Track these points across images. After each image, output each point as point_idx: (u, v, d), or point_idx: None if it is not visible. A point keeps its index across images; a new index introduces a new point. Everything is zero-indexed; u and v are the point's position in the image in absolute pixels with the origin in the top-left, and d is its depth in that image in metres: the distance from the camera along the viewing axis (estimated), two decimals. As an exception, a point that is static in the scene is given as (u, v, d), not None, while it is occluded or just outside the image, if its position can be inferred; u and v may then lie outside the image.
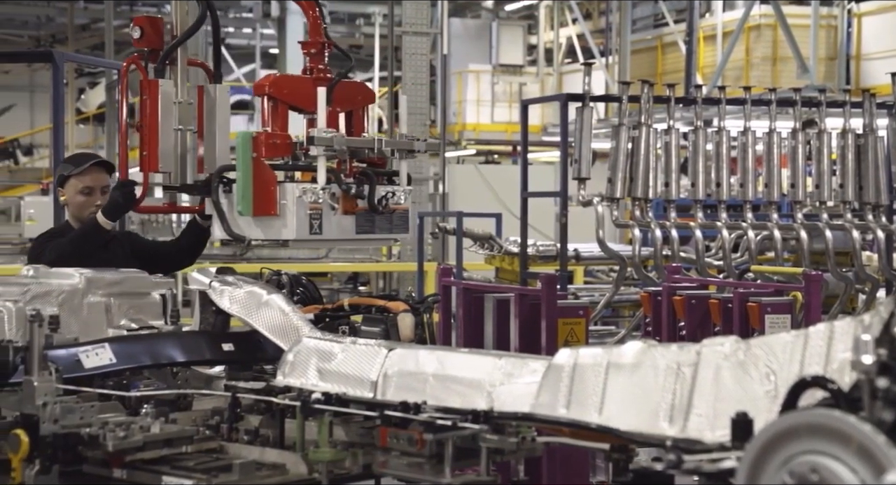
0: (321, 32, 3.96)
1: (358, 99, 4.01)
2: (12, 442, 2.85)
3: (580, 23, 23.87)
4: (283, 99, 3.78)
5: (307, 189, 3.61)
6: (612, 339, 7.88)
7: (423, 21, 14.43)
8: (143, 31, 4.01)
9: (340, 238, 3.77)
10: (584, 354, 2.71)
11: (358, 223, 3.77)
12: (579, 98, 7.33)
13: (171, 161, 3.90)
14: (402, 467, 2.77)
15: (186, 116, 3.93)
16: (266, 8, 22.69)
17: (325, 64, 3.94)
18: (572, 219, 7.87)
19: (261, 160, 3.63)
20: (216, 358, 3.61)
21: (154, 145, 3.88)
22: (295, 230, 3.60)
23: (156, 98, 3.88)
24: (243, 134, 3.66)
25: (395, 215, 3.88)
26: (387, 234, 3.90)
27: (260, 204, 3.61)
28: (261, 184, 3.61)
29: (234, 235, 3.67)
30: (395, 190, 3.86)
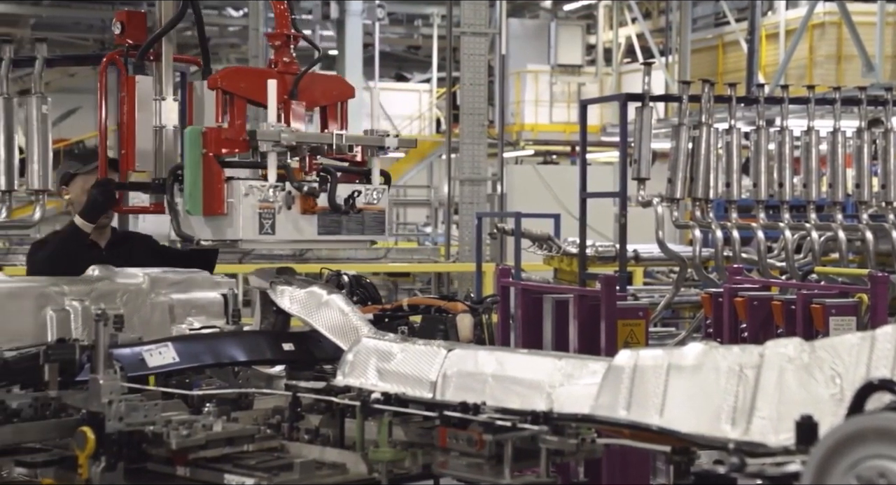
0: (288, 24, 3.75)
1: (333, 94, 3.80)
2: (79, 439, 2.90)
3: (640, 22, 23.71)
4: (238, 93, 3.53)
5: (254, 186, 3.40)
6: (672, 340, 7.82)
7: (482, 22, 14.42)
8: (123, 27, 3.86)
9: (299, 239, 3.53)
10: (645, 355, 2.69)
11: (321, 224, 3.54)
12: (639, 98, 7.29)
13: (150, 160, 3.75)
14: (461, 468, 2.77)
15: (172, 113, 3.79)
16: (325, 10, 22.82)
17: (291, 57, 3.72)
18: (631, 219, 7.81)
19: (210, 157, 3.41)
20: (277, 358, 3.64)
21: (131, 143, 3.74)
22: (241, 230, 3.39)
23: (133, 95, 3.74)
24: (192, 129, 3.48)
25: (366, 216, 3.64)
26: (357, 235, 3.64)
27: (209, 203, 3.41)
28: (209, 182, 3.41)
29: (183, 236, 3.49)
30: (363, 189, 3.61)
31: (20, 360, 3.14)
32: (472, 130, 14.48)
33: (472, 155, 14.48)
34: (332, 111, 3.78)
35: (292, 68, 3.69)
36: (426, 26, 27.19)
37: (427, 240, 21.17)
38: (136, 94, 3.73)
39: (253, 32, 17.95)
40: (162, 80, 3.80)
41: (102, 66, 3.85)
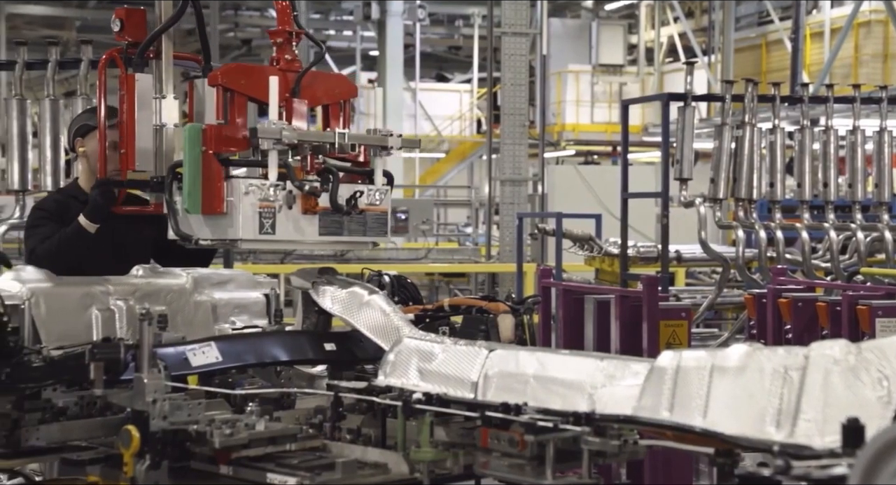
0: (290, 21, 3.66)
1: (336, 92, 3.72)
2: (124, 437, 2.92)
3: (682, 21, 23.58)
4: (238, 90, 3.46)
5: (254, 185, 3.33)
6: (715, 342, 7.77)
7: (523, 22, 14.39)
8: (123, 24, 3.78)
9: (300, 239, 3.46)
10: (688, 356, 2.67)
11: (322, 224, 3.47)
12: (681, 98, 7.25)
13: (149, 159, 3.67)
14: (503, 469, 2.76)
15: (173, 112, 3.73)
16: (366, 11, 22.90)
17: (293, 54, 3.63)
18: (673, 220, 7.77)
19: (210, 155, 3.34)
20: (318, 357, 3.65)
21: (131, 142, 3.66)
22: (241, 229, 3.32)
23: (132, 93, 3.66)
24: (191, 126, 3.38)
25: (368, 216, 3.57)
26: (359, 236, 3.56)
27: (208, 201, 3.34)
28: (209, 180, 3.34)
29: (181, 235, 3.42)
30: (366, 189, 3.56)
31: (66, 359, 3.17)
32: (513, 130, 14.46)
33: (512, 155, 14.46)
34: (335, 110, 3.71)
35: (294, 66, 3.62)
36: (467, 27, 27.20)
37: (468, 240, 21.16)
38: (135, 93, 3.66)
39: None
40: (162, 78, 3.72)
41: (102, 64, 3.78)
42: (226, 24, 25.91)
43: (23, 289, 3.34)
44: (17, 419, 3.10)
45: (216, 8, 22.33)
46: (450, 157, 26.44)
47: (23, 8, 24.43)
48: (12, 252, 7.10)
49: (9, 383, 3.08)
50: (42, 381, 3.16)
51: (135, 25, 3.75)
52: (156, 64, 3.73)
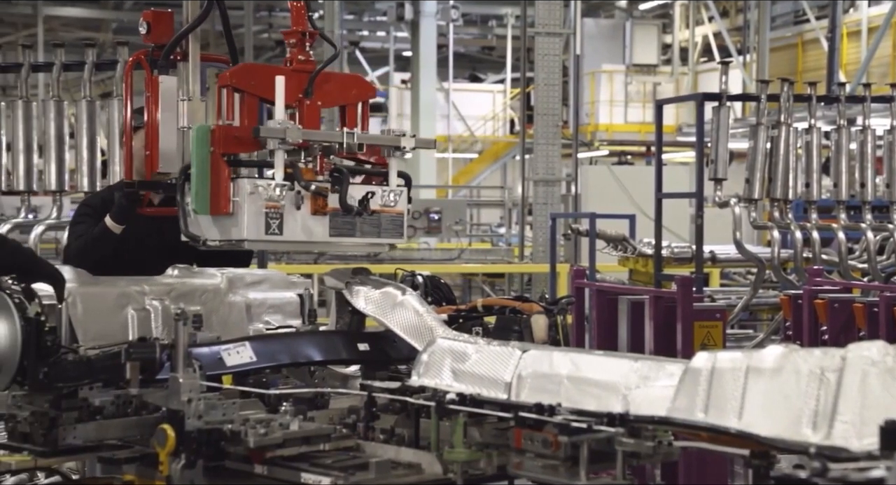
0: (305, 21, 3.60)
1: (351, 94, 3.67)
2: (159, 437, 2.94)
3: (717, 21, 23.45)
4: (248, 90, 3.43)
5: (260, 185, 3.30)
6: (751, 343, 7.72)
7: (556, 22, 14.37)
8: (150, 27, 3.75)
9: (308, 241, 3.40)
10: (723, 357, 2.66)
11: (332, 225, 3.42)
12: (716, 97, 7.22)
13: (173, 161, 3.64)
14: (536, 469, 2.76)
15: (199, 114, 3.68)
16: (400, 11, 22.95)
17: (307, 54, 3.58)
18: (708, 220, 7.73)
19: (218, 155, 3.32)
20: (352, 357, 3.66)
21: (155, 144, 3.65)
22: (246, 229, 3.28)
23: (157, 95, 3.65)
24: (200, 127, 3.35)
25: (383, 218, 3.52)
26: (373, 238, 3.51)
27: (215, 202, 3.31)
28: (216, 181, 3.31)
29: (189, 235, 3.40)
30: (379, 190, 3.51)
31: (102, 358, 3.19)
32: (547, 130, 14.43)
33: (546, 155, 14.44)
34: (351, 111, 3.66)
35: (309, 66, 3.57)
36: (500, 27, 27.19)
37: (501, 241, 21.15)
38: (159, 95, 3.65)
39: (328, 34, 18.08)
40: (188, 80, 3.70)
41: (128, 67, 3.79)
42: (260, 26, 26.03)
43: (60, 289, 3.36)
44: (54, 418, 3.13)
45: (250, 9, 22.48)
46: (483, 157, 26.43)
47: (60, 10, 24.68)
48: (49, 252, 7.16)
49: (46, 382, 3.11)
50: (79, 380, 3.18)
51: (162, 28, 3.75)
52: (182, 66, 3.72)
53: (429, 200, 18.34)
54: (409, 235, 13.04)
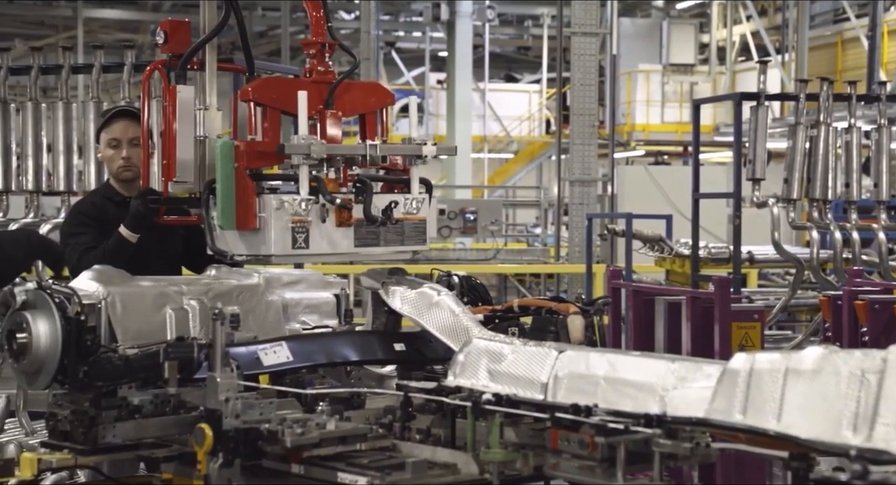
0: (324, 32, 3.59)
1: (371, 101, 3.70)
2: (197, 436, 2.96)
3: (755, 19, 23.28)
4: (271, 104, 3.46)
5: (286, 201, 3.33)
6: (789, 344, 7.66)
7: (593, 21, 14.32)
8: (167, 36, 3.76)
9: (335, 252, 3.44)
10: (761, 359, 2.64)
11: (357, 236, 3.45)
12: (754, 97, 7.16)
13: (190, 170, 3.66)
14: (573, 470, 2.75)
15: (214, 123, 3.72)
16: (436, 12, 22.96)
17: (326, 65, 3.61)
18: (746, 220, 7.67)
19: (242, 170, 3.35)
20: (388, 358, 3.67)
21: (172, 154, 3.65)
22: (273, 245, 3.32)
23: (174, 105, 3.64)
24: (224, 142, 3.39)
25: (406, 226, 3.54)
26: (397, 246, 3.56)
27: (241, 217, 3.35)
28: (241, 196, 3.35)
29: (216, 251, 3.42)
30: (402, 199, 3.52)
31: (141, 358, 3.22)
32: (583, 130, 14.39)
33: (582, 156, 14.39)
34: (371, 119, 3.68)
35: (328, 77, 3.59)
36: (536, 27, 27.14)
37: (536, 241, 21.11)
38: (177, 104, 3.65)
39: (364, 35, 18.15)
40: (205, 90, 3.72)
41: (145, 76, 3.80)
42: (296, 27, 26.11)
43: (99, 288, 3.40)
44: (94, 417, 3.16)
45: (287, 10, 22.55)
46: (519, 157, 26.39)
47: (99, 12, 24.91)
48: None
49: (86, 381, 3.14)
50: (118, 379, 3.21)
51: (179, 38, 3.75)
52: (199, 75, 3.73)
53: (464, 201, 18.34)
54: (444, 236, 13.23)
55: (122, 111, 4.34)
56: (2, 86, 6.28)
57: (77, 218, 4.24)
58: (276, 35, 25.34)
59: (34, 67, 6.24)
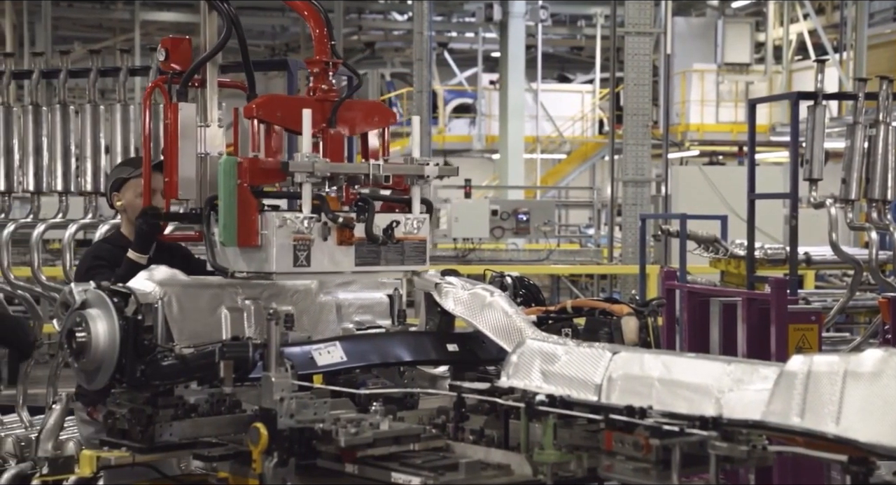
0: (327, 50, 3.61)
1: (373, 120, 3.70)
2: (253, 435, 2.99)
3: (812, 18, 22.99)
4: (274, 122, 3.48)
5: (288, 218, 3.34)
6: (847, 346, 7.55)
7: (647, 21, 14.23)
8: (168, 53, 3.77)
9: (335, 271, 3.45)
10: (819, 361, 2.60)
11: (358, 255, 3.47)
12: (811, 96, 7.07)
13: (192, 188, 3.67)
14: (627, 472, 2.73)
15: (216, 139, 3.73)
16: (488, 12, 22.95)
17: (330, 84, 3.61)
18: (802, 221, 7.57)
19: (245, 187, 3.36)
20: (441, 358, 3.67)
21: (174, 171, 3.66)
22: (275, 262, 3.33)
23: (176, 122, 3.66)
24: (227, 159, 3.40)
25: (406, 245, 3.55)
26: (397, 266, 3.57)
27: (243, 234, 3.36)
28: (244, 213, 3.36)
29: (217, 267, 3.42)
30: (403, 218, 3.54)
31: (197, 357, 3.25)
32: (636, 130, 14.30)
33: (635, 156, 14.31)
34: (373, 138, 3.69)
35: (331, 95, 3.60)
36: (589, 27, 27.04)
37: (589, 242, 21.02)
38: (178, 122, 3.66)
39: (417, 36, 18.18)
40: (206, 107, 3.73)
41: (147, 93, 3.82)
42: (349, 28, 26.25)
43: (156, 289, 3.44)
44: (151, 415, 3.20)
45: (340, 11, 22.65)
46: (571, 158, 26.29)
47: (156, 15, 25.22)
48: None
49: (143, 379, 3.18)
50: (174, 378, 3.24)
51: (180, 55, 3.77)
52: (200, 92, 3.75)
53: (517, 201, 18.30)
54: (497, 236, 13.23)
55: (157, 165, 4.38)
56: (62, 88, 6.37)
57: (93, 261, 4.30)
58: (329, 37, 25.44)
59: (93, 70, 6.32)
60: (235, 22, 3.71)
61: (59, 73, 6.42)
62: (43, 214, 6.45)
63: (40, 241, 6.33)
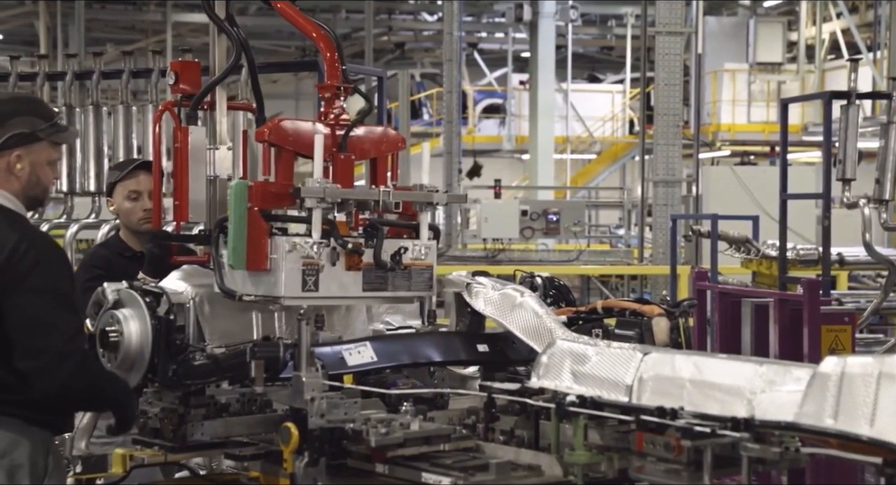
0: (339, 75, 3.59)
1: (382, 146, 3.67)
2: (283, 434, 3.00)
3: (845, 17, 22.82)
4: (285, 146, 3.45)
5: (297, 243, 3.32)
6: (881, 348, 7.49)
7: (678, 20, 14.17)
8: (177, 77, 3.73)
9: (342, 296, 3.43)
10: (853, 362, 2.58)
11: (366, 280, 3.44)
12: (844, 96, 7.02)
13: (203, 211, 3.67)
14: (658, 473, 2.72)
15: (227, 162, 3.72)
16: (518, 12, 22.93)
17: (341, 108, 3.59)
18: (835, 221, 7.51)
19: (255, 211, 3.34)
20: (471, 358, 3.67)
21: (184, 194, 3.65)
22: (284, 287, 3.29)
23: (186, 146, 3.65)
24: (238, 183, 3.39)
25: (413, 272, 3.53)
26: (404, 292, 3.54)
27: (252, 258, 3.33)
28: (253, 237, 3.34)
29: (225, 290, 3.39)
30: (411, 245, 3.52)
31: (228, 357, 3.27)
32: (667, 130, 14.24)
33: (666, 156, 14.25)
34: (382, 163, 3.68)
35: (342, 120, 3.58)
36: (619, 27, 26.95)
37: (620, 242, 20.96)
38: (188, 145, 3.66)
39: (447, 36, 18.19)
40: (216, 130, 3.73)
41: (156, 117, 3.80)
42: (380, 29, 26.30)
43: (188, 289, 3.45)
44: (183, 414, 3.22)
45: (370, 11, 22.70)
46: (601, 158, 26.23)
47: (188, 16, 25.37)
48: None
49: (175, 379, 3.20)
50: (206, 378, 3.26)
51: (190, 78, 3.75)
52: (209, 115, 3.75)
53: (547, 202, 18.28)
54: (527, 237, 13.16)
55: (142, 164, 4.44)
56: (94, 90, 6.42)
57: (90, 271, 4.29)
58: (359, 37, 25.55)
59: (125, 71, 6.37)
60: (244, 45, 3.71)
61: (92, 75, 6.47)
62: (76, 214, 6.51)
63: (73, 241, 6.39)
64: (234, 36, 3.69)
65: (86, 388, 3.11)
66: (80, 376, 3.10)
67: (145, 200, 4.30)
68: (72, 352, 3.10)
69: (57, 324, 3.09)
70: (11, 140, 3.22)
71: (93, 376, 3.13)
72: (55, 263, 3.18)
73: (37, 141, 3.27)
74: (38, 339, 3.06)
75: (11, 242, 3.10)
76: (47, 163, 3.33)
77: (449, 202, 3.68)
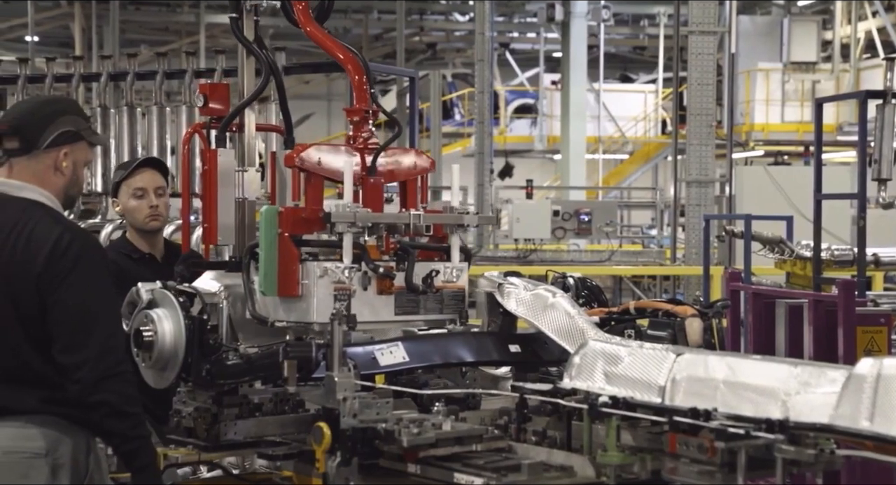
0: (367, 98, 3.58)
1: (413, 169, 3.67)
2: (316, 434, 3.01)
3: (881, 15, 22.61)
4: (314, 171, 3.44)
5: (329, 268, 3.32)
6: (917, 349, 7.41)
7: (711, 20, 14.08)
8: (206, 99, 3.72)
9: (375, 320, 3.42)
10: (889, 364, 2.56)
11: (398, 304, 3.44)
12: (880, 95, 6.97)
13: (231, 233, 3.66)
14: (692, 475, 2.71)
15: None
16: (550, 12, 22.89)
17: (370, 132, 3.60)
18: (870, 222, 7.45)
19: (286, 237, 3.34)
20: (503, 359, 3.66)
21: (213, 217, 3.65)
22: (316, 312, 3.28)
23: (214, 168, 3.65)
24: (268, 209, 3.38)
25: (445, 294, 3.53)
26: (436, 315, 3.54)
27: (284, 284, 3.32)
28: (284, 262, 3.33)
29: (256, 316, 3.39)
30: (442, 267, 3.53)
31: (261, 357, 3.28)
32: (700, 130, 14.16)
33: (699, 156, 14.17)
34: (412, 186, 3.67)
35: (371, 144, 3.59)
36: (652, 26, 26.84)
37: (652, 243, 20.87)
38: (217, 167, 3.66)
39: (479, 37, 18.19)
40: (244, 152, 3.74)
41: (185, 139, 3.80)
42: (411, 29, 26.33)
43: (221, 288, 3.47)
44: (216, 414, 3.24)
45: (402, 12, 22.73)
46: (634, 158, 26.13)
47: (220, 18, 25.50)
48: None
49: (209, 379, 3.22)
50: (239, 377, 3.28)
51: (218, 100, 3.75)
52: (238, 137, 3.76)
53: (579, 202, 18.23)
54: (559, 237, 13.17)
55: (146, 161, 4.42)
56: (129, 91, 6.47)
57: None
58: (391, 38, 25.60)
59: (159, 72, 6.41)
60: (274, 67, 3.71)
61: (127, 76, 6.51)
62: (111, 215, 6.55)
63: (108, 241, 6.43)
64: (262, 58, 3.70)
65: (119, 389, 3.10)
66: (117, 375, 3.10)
67: (151, 197, 4.28)
68: (113, 348, 3.11)
69: (98, 319, 3.11)
70: (61, 137, 3.25)
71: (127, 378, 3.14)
72: (97, 258, 3.20)
73: (79, 140, 3.30)
74: (81, 334, 3.07)
75: (54, 235, 3.12)
76: (84, 163, 3.36)
77: (480, 224, 3.68)
